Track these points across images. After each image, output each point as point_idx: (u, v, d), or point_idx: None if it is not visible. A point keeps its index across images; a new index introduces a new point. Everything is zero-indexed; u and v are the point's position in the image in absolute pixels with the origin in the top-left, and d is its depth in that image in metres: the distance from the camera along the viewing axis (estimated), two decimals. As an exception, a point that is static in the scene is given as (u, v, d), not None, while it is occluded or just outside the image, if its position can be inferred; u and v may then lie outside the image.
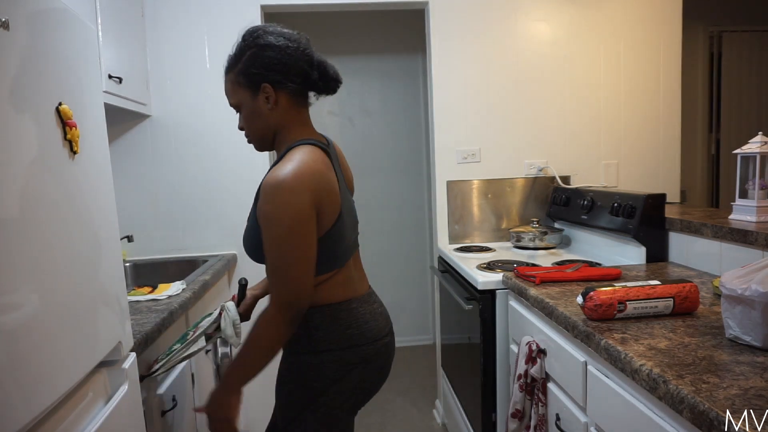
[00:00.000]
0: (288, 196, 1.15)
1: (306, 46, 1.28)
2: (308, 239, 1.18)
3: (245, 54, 1.27)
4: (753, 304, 1.06)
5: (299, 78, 1.26)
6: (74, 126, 1.00)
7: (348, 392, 1.31)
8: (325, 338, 1.29)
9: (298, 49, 1.26)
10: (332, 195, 1.23)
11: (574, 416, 1.38)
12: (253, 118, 1.31)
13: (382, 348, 1.36)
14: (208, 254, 2.55)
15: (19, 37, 0.85)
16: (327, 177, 1.22)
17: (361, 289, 1.38)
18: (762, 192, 1.73)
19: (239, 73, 1.28)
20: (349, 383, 1.30)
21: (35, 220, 0.87)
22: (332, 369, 1.29)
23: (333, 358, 1.29)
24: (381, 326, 1.36)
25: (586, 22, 2.68)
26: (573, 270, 1.76)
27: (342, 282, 1.32)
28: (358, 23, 3.84)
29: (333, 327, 1.29)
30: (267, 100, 1.27)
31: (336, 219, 1.25)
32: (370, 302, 1.38)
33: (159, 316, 1.51)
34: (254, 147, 1.37)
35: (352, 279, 1.35)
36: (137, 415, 1.26)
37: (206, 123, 2.54)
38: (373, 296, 1.42)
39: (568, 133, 2.72)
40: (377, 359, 1.35)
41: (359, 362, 1.30)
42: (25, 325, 0.82)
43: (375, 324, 1.35)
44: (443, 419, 2.79)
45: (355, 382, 1.31)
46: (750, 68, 3.80)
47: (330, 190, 1.22)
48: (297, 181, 1.16)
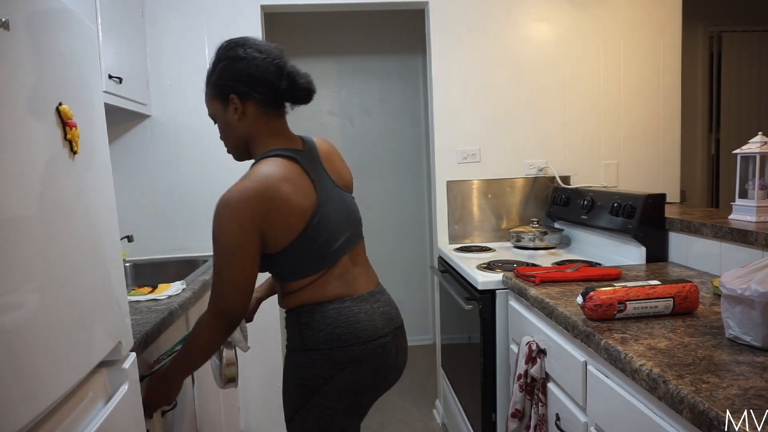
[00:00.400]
0: (228, 219, 1.21)
1: (276, 57, 1.31)
2: (244, 260, 1.22)
3: (217, 67, 1.33)
4: (753, 304, 1.06)
5: (266, 88, 1.29)
6: (74, 126, 1.00)
7: (340, 392, 1.31)
8: (313, 337, 1.31)
9: (267, 60, 1.29)
10: (288, 206, 1.24)
11: (574, 416, 1.38)
12: (225, 129, 1.36)
13: (377, 349, 1.33)
14: (208, 254, 2.55)
15: (19, 37, 0.85)
16: (281, 192, 1.23)
17: (361, 287, 1.36)
18: (762, 192, 1.73)
19: (212, 85, 1.34)
20: (341, 383, 1.31)
21: (35, 220, 0.87)
22: (322, 368, 1.30)
23: (322, 357, 1.30)
24: (378, 326, 1.34)
25: (586, 22, 2.68)
26: (573, 270, 1.76)
27: (333, 281, 1.32)
28: (358, 23, 3.84)
29: (321, 326, 1.30)
30: (235, 110, 1.31)
31: (306, 225, 1.26)
32: (370, 301, 1.36)
33: (159, 316, 1.51)
34: (233, 157, 1.41)
35: (347, 277, 1.35)
36: (137, 415, 1.26)
37: (206, 123, 2.53)
38: (377, 295, 1.40)
39: (568, 133, 2.72)
40: (372, 360, 1.33)
41: (349, 362, 1.30)
42: (24, 325, 0.82)
43: (369, 324, 1.33)
44: (443, 419, 2.80)
45: (347, 383, 1.31)
46: (750, 68, 3.80)
47: (285, 202, 1.23)
48: (239, 203, 1.20)
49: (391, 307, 1.43)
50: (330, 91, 3.91)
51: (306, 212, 1.27)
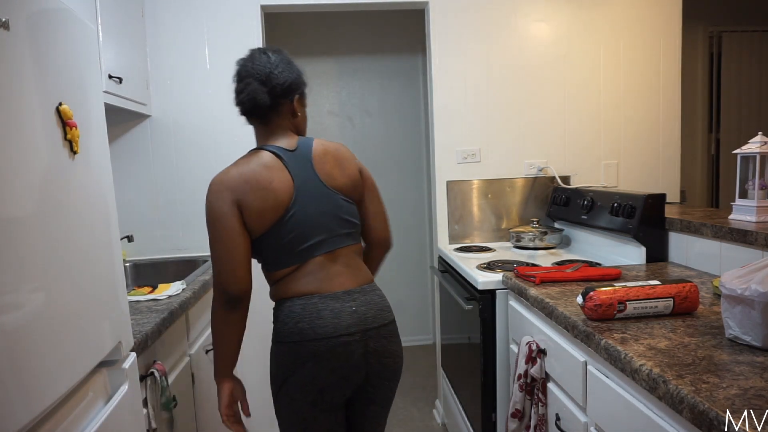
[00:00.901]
0: (211, 197, 1.35)
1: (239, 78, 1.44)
2: (228, 233, 1.33)
3: None
4: (753, 304, 1.06)
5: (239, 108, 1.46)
6: (74, 126, 1.00)
7: (303, 385, 1.37)
8: (280, 330, 1.39)
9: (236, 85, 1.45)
10: (262, 191, 1.34)
11: (574, 416, 1.38)
12: None
13: (337, 347, 1.35)
14: (208, 254, 2.53)
15: (19, 37, 0.85)
16: (257, 176, 1.35)
17: (335, 286, 1.39)
18: (762, 192, 1.73)
19: None
20: (303, 377, 1.36)
21: (35, 220, 0.87)
22: (287, 360, 1.37)
23: (286, 350, 1.37)
24: (342, 325, 1.35)
25: (586, 22, 2.68)
26: (573, 270, 1.76)
27: (304, 277, 1.39)
28: (358, 23, 3.84)
29: (287, 319, 1.38)
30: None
31: (279, 217, 1.35)
32: (343, 300, 1.38)
33: (159, 316, 1.51)
34: None
35: (320, 275, 1.39)
36: (137, 415, 1.26)
37: (206, 123, 2.54)
38: (354, 294, 1.40)
39: (568, 133, 2.72)
40: (330, 358, 1.35)
41: (309, 357, 1.35)
42: (25, 325, 0.82)
43: (333, 321, 1.35)
44: (443, 419, 2.79)
45: (308, 377, 1.36)
46: (750, 68, 3.80)
47: (259, 185, 1.34)
48: (219, 182, 1.35)
49: (370, 307, 1.41)
50: (330, 91, 3.91)
51: (280, 203, 1.35)
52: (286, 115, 1.45)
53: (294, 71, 1.45)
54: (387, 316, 1.44)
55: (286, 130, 1.45)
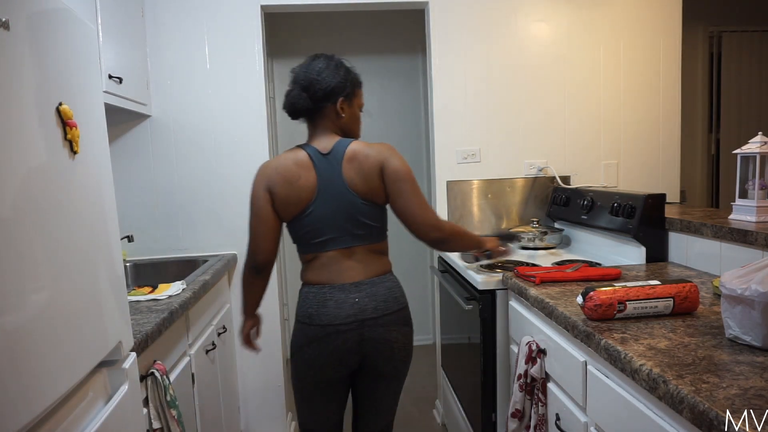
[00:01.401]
0: (254, 179, 1.60)
1: (290, 82, 1.61)
2: (258, 211, 1.58)
3: None
4: (753, 304, 1.06)
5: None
6: (74, 126, 1.00)
7: (306, 363, 1.59)
8: (297, 310, 1.62)
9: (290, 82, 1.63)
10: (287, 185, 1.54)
11: (574, 416, 1.38)
12: None
13: (333, 334, 1.55)
14: (208, 254, 2.55)
15: (19, 37, 0.85)
16: (288, 170, 1.55)
17: (343, 278, 1.57)
18: (762, 192, 1.73)
19: None
20: (307, 355, 1.58)
21: (35, 220, 0.87)
22: (297, 338, 1.61)
23: (297, 329, 1.61)
24: (341, 314, 1.54)
25: (585, 23, 2.68)
26: (573, 270, 1.76)
27: (318, 268, 1.59)
28: (358, 23, 3.84)
29: (300, 303, 1.62)
30: None
31: (300, 212, 1.56)
32: (349, 291, 1.56)
33: (159, 316, 1.51)
34: None
35: (334, 267, 1.57)
36: (137, 415, 1.26)
37: (206, 123, 2.54)
38: (362, 286, 1.57)
39: (568, 133, 2.72)
40: (327, 343, 1.55)
41: (313, 338, 1.56)
42: (25, 325, 0.82)
43: (335, 311, 1.55)
44: (443, 419, 2.79)
45: (311, 356, 1.58)
46: (750, 68, 3.80)
47: (286, 180, 1.55)
48: (260, 169, 1.61)
49: (372, 298, 1.57)
50: (330, 91, 3.90)
51: (302, 199, 1.55)
52: (330, 116, 1.59)
53: (339, 76, 1.58)
54: (390, 306, 1.59)
55: (327, 130, 1.60)
